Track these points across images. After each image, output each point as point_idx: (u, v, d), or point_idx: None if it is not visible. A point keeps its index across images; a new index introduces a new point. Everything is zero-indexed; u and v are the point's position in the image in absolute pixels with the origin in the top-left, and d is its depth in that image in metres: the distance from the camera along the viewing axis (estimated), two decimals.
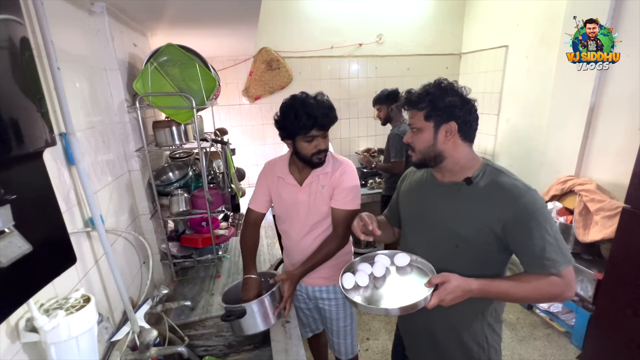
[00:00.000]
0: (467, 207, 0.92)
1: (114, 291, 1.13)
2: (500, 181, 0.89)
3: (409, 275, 0.98)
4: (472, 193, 0.92)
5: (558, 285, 0.84)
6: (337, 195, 1.28)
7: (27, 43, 0.66)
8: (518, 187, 0.86)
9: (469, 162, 0.95)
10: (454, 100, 0.89)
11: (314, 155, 1.21)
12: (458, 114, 0.90)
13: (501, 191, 0.87)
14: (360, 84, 3.26)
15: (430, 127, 0.92)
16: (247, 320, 1.10)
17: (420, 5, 3.18)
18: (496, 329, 1.02)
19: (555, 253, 0.83)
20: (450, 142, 0.92)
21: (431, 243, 1.00)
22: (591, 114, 2.19)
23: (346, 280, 0.98)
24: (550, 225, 0.85)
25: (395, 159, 2.51)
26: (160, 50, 1.40)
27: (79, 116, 1.04)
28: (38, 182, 0.69)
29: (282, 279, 1.20)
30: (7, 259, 0.56)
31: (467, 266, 0.91)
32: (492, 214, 0.87)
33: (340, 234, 1.29)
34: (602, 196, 2.00)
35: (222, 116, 2.98)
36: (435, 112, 0.90)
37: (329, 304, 1.44)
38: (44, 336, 0.72)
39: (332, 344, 1.54)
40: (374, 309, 0.86)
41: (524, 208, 0.84)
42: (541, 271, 0.85)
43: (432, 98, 0.91)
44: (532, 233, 0.84)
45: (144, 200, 1.47)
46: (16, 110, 0.60)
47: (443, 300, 0.82)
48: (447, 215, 0.96)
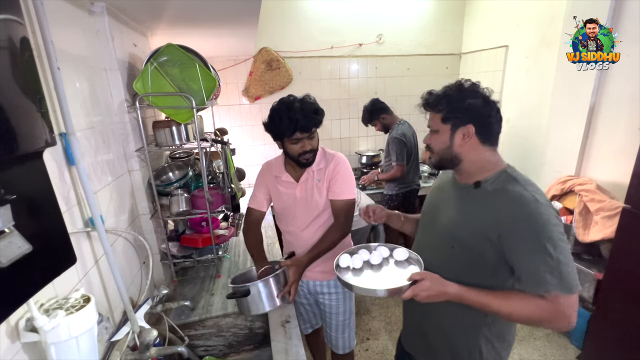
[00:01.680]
0: (468, 209, 0.91)
1: (114, 291, 1.13)
2: (508, 188, 0.85)
3: (405, 270, 1.02)
4: (478, 197, 0.90)
5: (547, 310, 0.79)
6: (333, 187, 1.33)
7: (27, 43, 0.66)
8: (524, 197, 0.81)
9: (488, 165, 0.91)
10: (474, 103, 0.86)
11: (300, 156, 1.27)
12: (477, 116, 0.87)
13: (505, 198, 0.84)
14: (360, 84, 3.26)
15: (447, 130, 0.90)
16: (252, 300, 1.14)
17: (420, 5, 3.18)
18: (496, 346, 0.97)
19: (549, 274, 0.78)
20: (467, 145, 0.89)
21: (433, 243, 1.01)
22: (591, 114, 2.19)
23: (342, 260, 1.06)
24: (554, 245, 0.78)
25: (396, 162, 2.52)
26: (160, 50, 1.40)
27: (79, 116, 1.04)
28: (38, 182, 0.69)
29: (288, 264, 1.23)
30: (7, 259, 0.56)
31: (461, 269, 0.91)
32: (489, 219, 0.85)
33: (342, 222, 1.33)
34: (602, 196, 2.00)
35: (222, 116, 2.98)
36: (452, 115, 0.88)
37: (329, 298, 1.46)
38: (44, 336, 0.73)
39: (329, 339, 1.56)
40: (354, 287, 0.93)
41: (524, 219, 0.80)
42: (531, 290, 0.81)
43: (449, 100, 0.89)
44: (527, 246, 0.80)
45: (144, 200, 1.47)
46: (16, 110, 0.60)
47: (417, 295, 0.85)
48: (450, 217, 0.96)
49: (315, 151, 1.30)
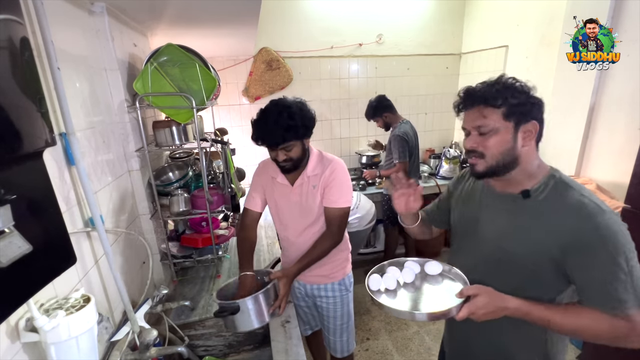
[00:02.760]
0: (520, 222, 0.82)
1: (114, 291, 1.13)
2: (566, 196, 0.76)
3: (440, 285, 0.94)
4: (529, 208, 0.81)
5: (621, 329, 0.71)
6: (327, 194, 1.28)
7: (27, 43, 0.66)
8: (587, 206, 0.73)
9: (535, 170, 0.81)
10: (534, 98, 0.77)
11: (277, 163, 1.25)
12: (539, 112, 0.78)
13: (566, 209, 0.75)
14: (360, 84, 3.26)
15: (509, 128, 0.77)
16: (241, 317, 1.08)
17: (420, 5, 3.18)
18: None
19: (624, 292, 0.70)
20: (528, 146, 0.79)
21: (476, 255, 0.92)
22: (591, 113, 2.19)
23: (372, 282, 0.94)
24: (627, 258, 0.70)
25: (399, 160, 2.52)
26: (160, 50, 1.40)
27: (79, 116, 1.04)
28: (38, 182, 0.69)
29: (278, 276, 1.19)
30: (7, 259, 0.56)
31: (516, 284, 0.82)
32: (549, 233, 0.76)
33: (334, 232, 1.29)
34: (602, 196, 2.00)
35: (222, 116, 2.98)
36: (517, 109, 0.76)
37: (327, 302, 1.44)
38: (44, 336, 0.73)
39: (327, 342, 1.55)
40: (402, 312, 0.82)
41: (592, 231, 0.71)
42: (604, 308, 0.72)
43: (512, 93, 0.76)
44: (597, 263, 0.72)
45: (144, 200, 1.47)
46: (16, 110, 0.60)
47: (474, 314, 0.76)
48: (498, 231, 0.86)
49: (294, 160, 1.23)
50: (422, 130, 3.41)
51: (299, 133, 1.18)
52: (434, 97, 3.47)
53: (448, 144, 3.55)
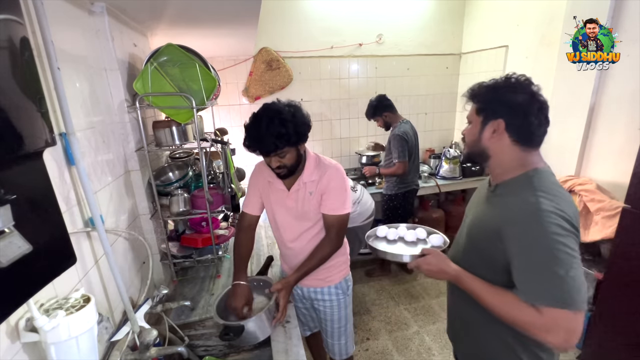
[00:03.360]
0: (486, 210, 0.93)
1: (114, 291, 1.13)
2: (519, 194, 0.83)
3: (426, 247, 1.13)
4: (492, 200, 0.91)
5: (533, 318, 0.74)
6: (325, 202, 1.26)
7: (27, 43, 0.66)
8: (526, 202, 0.79)
9: (513, 165, 0.87)
10: (512, 98, 0.83)
11: (272, 169, 1.22)
12: (511, 112, 0.83)
13: (511, 201, 0.83)
14: (360, 84, 3.26)
15: (478, 122, 0.89)
16: (246, 336, 1.11)
17: (420, 5, 3.18)
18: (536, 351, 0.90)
19: (536, 284, 0.75)
20: (496, 141, 0.86)
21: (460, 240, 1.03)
22: (591, 113, 2.19)
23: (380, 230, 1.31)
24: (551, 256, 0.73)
25: (399, 159, 2.52)
26: (160, 50, 1.40)
27: (79, 116, 1.04)
28: (38, 182, 0.69)
29: (278, 289, 1.20)
30: (7, 259, 0.56)
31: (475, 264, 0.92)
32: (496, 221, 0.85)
33: (332, 238, 1.28)
34: (602, 196, 2.00)
35: (222, 116, 2.98)
36: (486, 106, 0.87)
37: (324, 305, 1.44)
38: (44, 336, 0.73)
39: (326, 344, 1.54)
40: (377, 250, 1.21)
41: (519, 224, 0.78)
42: (522, 297, 0.77)
43: (486, 92, 0.88)
44: (520, 254, 0.78)
45: (144, 200, 1.47)
46: (16, 110, 0.60)
47: (419, 267, 0.97)
48: (473, 216, 0.98)
49: (288, 167, 1.20)
50: (422, 130, 3.42)
51: (291, 140, 1.13)
52: (434, 97, 3.48)
53: (448, 144, 3.54)
